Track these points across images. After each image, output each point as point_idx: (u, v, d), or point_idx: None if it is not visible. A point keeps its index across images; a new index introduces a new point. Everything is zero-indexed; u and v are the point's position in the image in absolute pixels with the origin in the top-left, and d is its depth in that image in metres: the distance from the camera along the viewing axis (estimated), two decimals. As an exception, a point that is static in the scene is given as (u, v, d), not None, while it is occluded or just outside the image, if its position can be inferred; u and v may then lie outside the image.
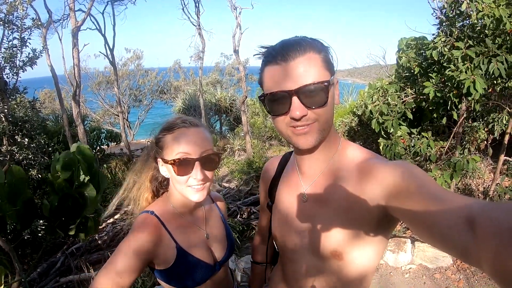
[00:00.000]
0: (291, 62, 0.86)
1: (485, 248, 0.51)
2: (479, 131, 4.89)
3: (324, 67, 0.88)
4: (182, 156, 1.12)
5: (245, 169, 8.58)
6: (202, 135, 1.18)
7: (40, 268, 4.20)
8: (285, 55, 0.86)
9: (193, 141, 1.14)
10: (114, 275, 1.06)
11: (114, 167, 9.68)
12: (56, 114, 12.52)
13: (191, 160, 1.13)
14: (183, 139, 1.14)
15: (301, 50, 0.86)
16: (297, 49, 0.86)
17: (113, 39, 12.55)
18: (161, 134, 1.19)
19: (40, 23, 6.23)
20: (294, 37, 0.92)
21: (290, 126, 0.91)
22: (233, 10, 10.38)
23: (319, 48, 0.90)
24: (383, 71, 15.18)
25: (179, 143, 1.13)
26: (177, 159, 1.12)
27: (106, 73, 20.64)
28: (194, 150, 1.13)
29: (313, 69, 0.86)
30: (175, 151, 1.13)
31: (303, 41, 0.89)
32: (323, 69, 0.88)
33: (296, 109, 0.86)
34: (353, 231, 0.94)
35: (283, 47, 0.88)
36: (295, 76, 0.86)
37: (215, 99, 15.04)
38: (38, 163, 4.97)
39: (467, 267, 3.82)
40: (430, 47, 3.84)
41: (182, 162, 1.12)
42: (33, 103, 5.50)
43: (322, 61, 0.88)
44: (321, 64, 0.88)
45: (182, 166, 1.13)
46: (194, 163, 1.13)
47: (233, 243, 1.42)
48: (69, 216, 3.41)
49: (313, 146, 0.94)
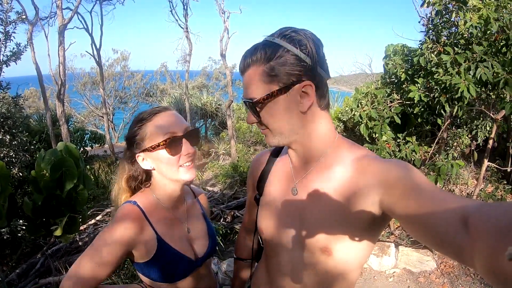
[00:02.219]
0: (243, 75, 0.96)
1: (479, 247, 0.51)
2: (463, 137, 5.00)
3: (265, 80, 0.90)
4: (171, 135, 1.15)
5: (229, 173, 8.52)
6: (177, 114, 1.23)
7: (19, 269, 4.06)
8: (240, 67, 0.96)
9: (173, 120, 1.18)
10: (94, 265, 1.05)
11: (97, 168, 9.55)
12: (40, 113, 12.28)
13: (179, 138, 1.16)
14: (165, 121, 1.17)
15: (247, 63, 0.93)
16: (246, 61, 0.93)
17: (100, 39, 12.43)
18: (136, 127, 1.19)
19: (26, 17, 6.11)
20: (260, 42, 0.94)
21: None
22: (221, 14, 10.40)
23: (272, 54, 0.88)
24: (369, 79, 15.41)
25: (163, 125, 1.16)
26: (168, 139, 1.14)
27: (92, 74, 20.38)
28: (178, 128, 1.17)
29: (250, 84, 0.93)
30: (161, 134, 1.15)
31: (257, 50, 0.91)
32: (262, 82, 0.91)
33: (248, 118, 0.99)
34: (344, 227, 0.93)
35: (242, 58, 0.95)
36: (243, 89, 0.97)
37: (201, 103, 14.99)
38: (19, 161, 4.84)
39: (451, 271, 3.87)
40: (418, 53, 3.92)
41: (172, 141, 1.15)
42: (16, 100, 5.36)
43: (263, 75, 0.90)
44: (260, 78, 0.90)
45: (172, 146, 1.15)
46: (182, 140, 1.17)
47: (214, 239, 1.39)
48: (52, 215, 3.33)
49: (276, 145, 1.01)
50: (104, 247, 1.08)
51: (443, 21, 3.95)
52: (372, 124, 4.29)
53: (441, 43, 3.82)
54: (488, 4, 3.37)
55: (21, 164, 4.88)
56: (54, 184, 3.25)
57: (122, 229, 1.11)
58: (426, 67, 3.93)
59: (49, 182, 3.24)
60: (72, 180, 3.29)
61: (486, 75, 3.27)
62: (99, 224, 5.52)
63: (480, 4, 3.39)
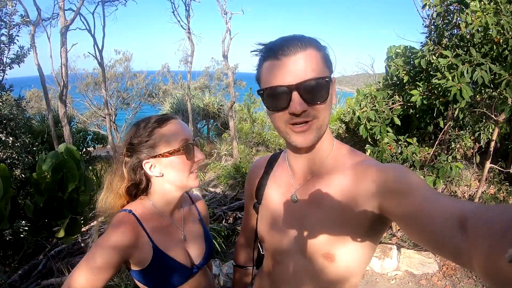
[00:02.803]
0: (292, 57, 0.84)
1: (477, 248, 0.51)
2: (465, 139, 4.98)
3: (324, 64, 0.88)
4: (186, 142, 1.18)
5: (231, 174, 8.53)
6: (182, 122, 1.25)
7: (21, 270, 4.08)
8: (286, 50, 0.85)
9: (184, 127, 1.21)
10: (90, 273, 1.04)
11: (99, 169, 9.55)
12: (42, 114, 12.31)
13: (192, 144, 1.20)
14: (178, 128, 1.20)
15: (302, 45, 0.85)
16: (298, 44, 0.85)
17: (102, 40, 12.42)
18: (146, 133, 1.18)
19: (29, 19, 6.13)
20: (293, 35, 0.91)
21: (289, 124, 0.89)
22: (224, 15, 10.41)
23: (319, 46, 0.90)
24: (371, 80, 15.37)
25: (178, 132, 1.18)
26: (185, 145, 1.17)
27: (94, 75, 20.39)
28: (189, 135, 1.21)
29: (314, 65, 0.85)
30: (178, 140, 1.17)
31: (303, 38, 0.88)
32: (324, 66, 0.88)
33: (296, 104, 0.84)
34: (345, 233, 0.93)
35: (284, 42, 0.87)
36: (296, 71, 0.84)
37: (203, 104, 14.97)
38: (22, 162, 4.86)
39: (453, 273, 3.86)
40: (419, 55, 3.92)
41: (187, 147, 1.18)
42: (19, 102, 5.39)
43: (322, 58, 0.88)
44: (321, 61, 0.87)
45: (188, 152, 1.18)
46: (194, 147, 1.20)
47: (211, 247, 1.38)
48: (54, 217, 3.34)
49: (311, 144, 0.93)
50: (99, 254, 1.07)
51: (444, 22, 3.94)
52: (370, 125, 4.28)
53: (442, 45, 3.81)
54: (488, 10, 3.36)
55: (24, 165, 4.90)
56: (55, 186, 3.25)
57: (117, 236, 1.10)
58: (427, 69, 3.92)
59: (50, 184, 3.24)
60: (73, 182, 3.30)
61: (483, 78, 3.26)
62: (101, 225, 5.52)
63: (479, 12, 3.38)
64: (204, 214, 1.47)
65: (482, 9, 3.37)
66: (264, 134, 12.55)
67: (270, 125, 13.59)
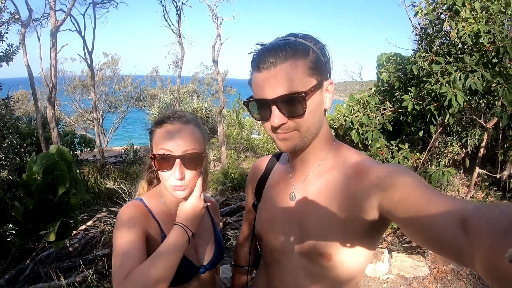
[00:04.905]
0: (272, 70, 0.85)
1: (479, 248, 0.51)
2: (453, 145, 5.07)
3: (308, 73, 0.86)
4: (164, 152, 1.10)
5: (220, 180, 8.49)
6: (189, 132, 1.14)
7: (8, 275, 3.98)
8: (266, 62, 0.86)
9: (176, 138, 1.11)
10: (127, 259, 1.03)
11: (87, 173, 9.42)
12: (29, 116, 12.09)
13: (172, 157, 1.10)
14: (167, 135, 1.12)
15: (283, 56, 0.85)
16: (279, 55, 0.85)
17: (92, 42, 12.32)
18: (153, 127, 1.17)
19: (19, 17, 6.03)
20: (282, 39, 0.91)
21: (272, 132, 0.92)
22: (214, 20, 10.43)
23: (305, 51, 0.88)
24: (359, 87, 15.55)
25: (163, 139, 1.11)
26: (158, 155, 1.10)
27: (83, 77, 20.18)
28: (176, 147, 1.10)
29: (293, 78, 0.85)
30: (158, 146, 1.11)
31: (288, 45, 0.87)
32: (305, 76, 0.86)
33: (275, 117, 0.87)
34: (344, 232, 0.93)
35: (266, 52, 0.87)
36: (274, 85, 0.85)
37: (191, 109, 14.91)
38: (9, 164, 4.74)
39: (443, 276, 3.91)
40: (411, 61, 3.99)
41: (162, 158, 1.10)
42: (7, 101, 5.27)
43: (305, 67, 0.86)
44: (303, 71, 0.86)
45: (162, 162, 1.11)
46: (175, 161, 1.10)
47: (222, 248, 1.36)
48: (44, 220, 3.26)
49: (295, 150, 0.95)
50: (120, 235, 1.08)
51: (435, 30, 4.03)
52: (363, 130, 4.33)
53: (433, 52, 3.89)
54: (480, 18, 3.44)
55: (11, 167, 4.79)
56: (46, 188, 3.18)
57: (129, 211, 1.13)
58: (418, 75, 4.00)
59: (41, 186, 3.17)
60: (65, 184, 3.23)
61: (476, 84, 3.34)
62: (89, 229, 5.44)
63: (471, 19, 3.46)
64: (215, 215, 1.45)
65: (475, 17, 3.45)
66: (252, 140, 12.56)
67: (258, 131, 13.64)
